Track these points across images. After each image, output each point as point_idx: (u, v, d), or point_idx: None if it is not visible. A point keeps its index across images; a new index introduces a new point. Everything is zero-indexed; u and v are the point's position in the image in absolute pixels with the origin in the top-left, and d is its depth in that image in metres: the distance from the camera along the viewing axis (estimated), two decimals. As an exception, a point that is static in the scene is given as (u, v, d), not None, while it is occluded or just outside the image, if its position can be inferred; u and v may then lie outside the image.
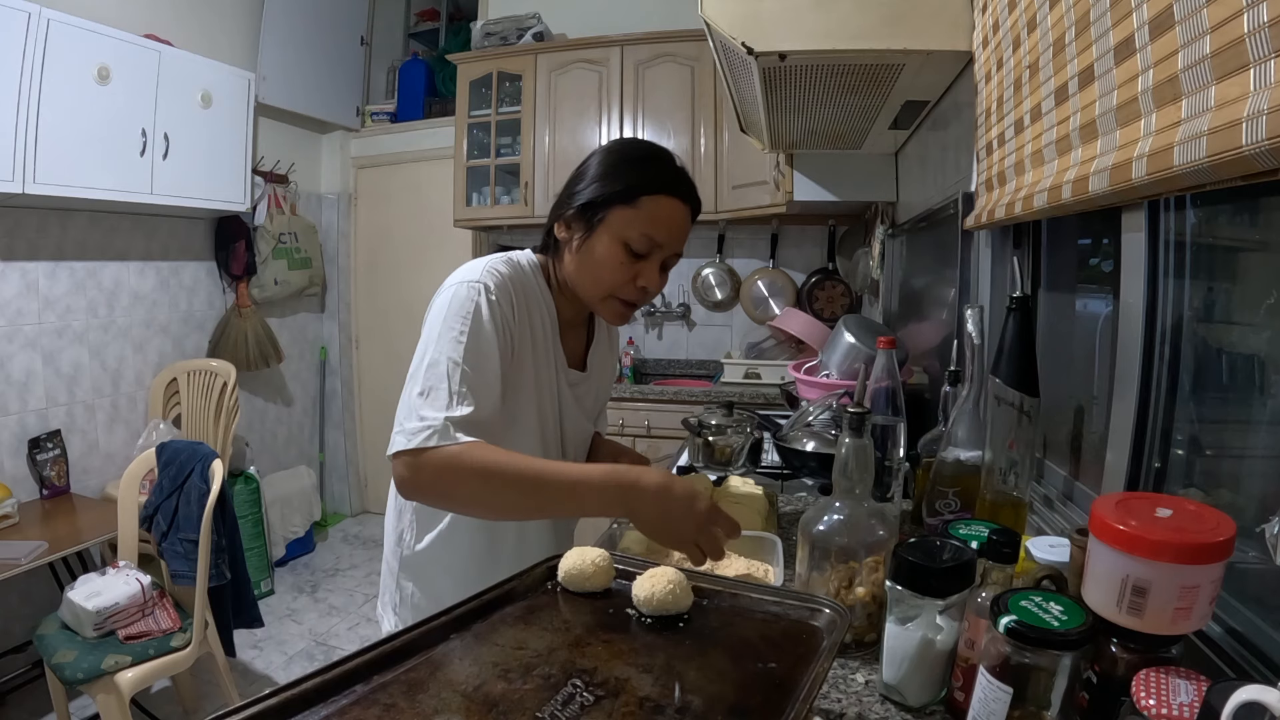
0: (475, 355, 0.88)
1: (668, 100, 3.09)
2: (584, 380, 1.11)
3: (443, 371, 0.86)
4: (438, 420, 0.83)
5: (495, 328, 0.91)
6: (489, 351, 0.90)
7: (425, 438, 0.82)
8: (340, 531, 3.98)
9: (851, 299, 3.23)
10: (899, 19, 1.28)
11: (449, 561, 1.03)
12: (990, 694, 0.59)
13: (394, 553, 1.07)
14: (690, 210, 0.99)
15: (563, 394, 1.06)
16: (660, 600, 0.69)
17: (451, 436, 0.82)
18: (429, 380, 0.86)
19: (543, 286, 1.03)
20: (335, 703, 0.53)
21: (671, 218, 0.96)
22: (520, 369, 0.97)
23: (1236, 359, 0.82)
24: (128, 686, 1.80)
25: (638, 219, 0.94)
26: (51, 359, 2.67)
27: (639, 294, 0.99)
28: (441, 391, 0.85)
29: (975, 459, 0.94)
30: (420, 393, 0.86)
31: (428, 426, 0.83)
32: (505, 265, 0.97)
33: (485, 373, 0.89)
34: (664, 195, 0.95)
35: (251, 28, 3.38)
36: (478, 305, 0.90)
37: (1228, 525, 0.55)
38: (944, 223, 1.61)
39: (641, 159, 0.99)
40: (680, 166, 0.99)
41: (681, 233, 0.98)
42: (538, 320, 1.00)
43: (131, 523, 2.11)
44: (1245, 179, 0.54)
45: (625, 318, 1.02)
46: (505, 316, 0.93)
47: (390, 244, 3.93)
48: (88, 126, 2.45)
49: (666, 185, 0.96)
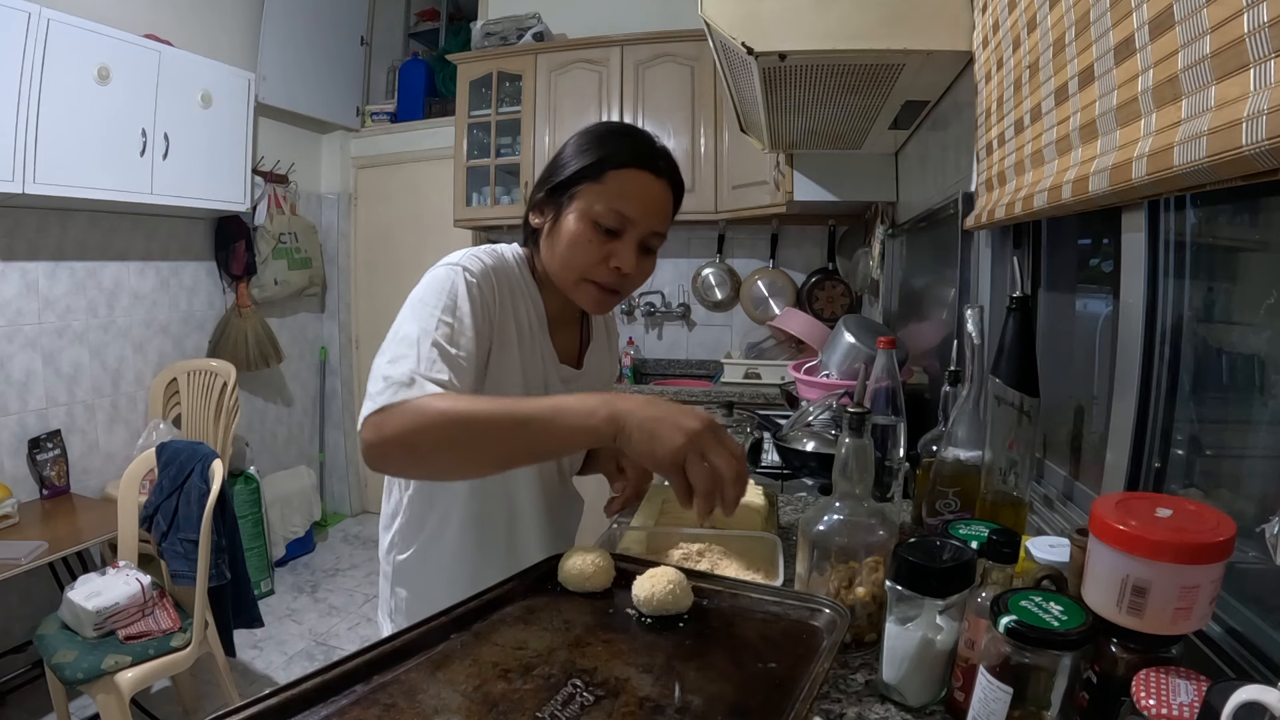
0: (450, 333, 0.83)
1: (668, 100, 3.09)
2: (578, 378, 1.06)
3: (413, 340, 0.81)
4: (404, 375, 0.77)
5: (473, 309, 0.86)
6: (465, 330, 0.85)
7: (392, 394, 0.75)
8: (340, 531, 3.98)
9: (851, 299, 3.23)
10: (899, 19, 1.28)
11: (439, 565, 1.01)
12: (990, 694, 0.59)
13: (386, 558, 1.06)
14: (668, 187, 0.93)
15: (554, 389, 1.01)
16: (660, 600, 0.69)
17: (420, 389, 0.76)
18: (398, 350, 0.81)
19: (528, 279, 0.98)
20: (335, 703, 0.53)
21: (644, 193, 0.90)
22: (506, 362, 0.94)
23: (1236, 359, 0.82)
24: (128, 686, 1.80)
25: (605, 193, 0.89)
26: (51, 359, 2.67)
27: (613, 276, 0.92)
28: (410, 358, 0.79)
29: (975, 459, 0.94)
30: (389, 360, 0.80)
31: (394, 383, 0.76)
32: (488, 255, 0.94)
33: (460, 348, 0.83)
34: (634, 169, 0.90)
35: (251, 28, 3.38)
36: (454, 284, 0.87)
37: (1228, 525, 0.55)
38: (944, 223, 1.61)
39: (611, 134, 0.94)
40: (660, 146, 0.94)
41: (656, 209, 0.92)
42: (523, 312, 0.96)
43: (131, 523, 2.11)
44: (1245, 179, 0.54)
45: (604, 305, 0.95)
46: (486, 301, 0.89)
47: (390, 244, 3.93)
48: (88, 126, 2.45)
49: (636, 159, 0.90)
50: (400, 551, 1.03)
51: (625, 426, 0.71)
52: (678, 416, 0.70)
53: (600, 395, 0.74)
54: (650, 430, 0.70)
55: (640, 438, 0.70)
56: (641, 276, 0.94)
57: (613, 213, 0.89)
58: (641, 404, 0.72)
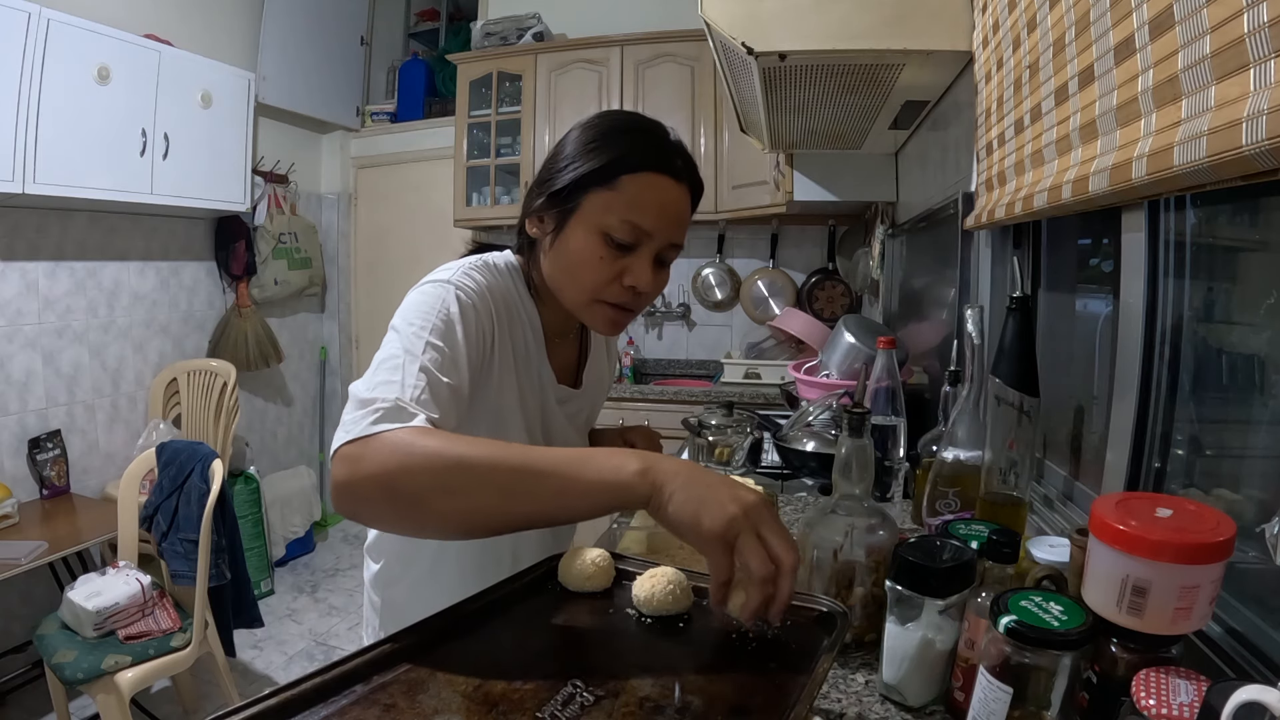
0: (439, 358, 0.73)
1: (668, 100, 3.09)
2: (575, 398, 0.96)
3: (398, 364, 0.71)
4: (385, 403, 0.66)
5: (467, 334, 0.76)
6: (458, 357, 0.74)
7: (370, 423, 0.64)
8: (340, 531, 3.98)
9: (851, 299, 3.23)
10: (899, 19, 1.28)
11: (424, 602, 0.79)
12: (990, 694, 0.59)
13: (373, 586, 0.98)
14: (688, 192, 0.82)
15: (549, 414, 0.92)
16: (660, 601, 0.68)
17: (404, 418, 0.65)
18: (379, 376, 0.70)
19: (524, 293, 0.88)
20: (335, 703, 0.53)
21: (662, 200, 0.79)
22: (501, 392, 0.84)
23: (1236, 359, 0.82)
24: (128, 686, 1.80)
25: (617, 202, 0.77)
26: (51, 359, 2.67)
27: (628, 295, 0.81)
28: (393, 384, 0.69)
29: (975, 459, 0.94)
30: (368, 386, 0.70)
31: (374, 410, 0.65)
32: (482, 270, 0.83)
33: (451, 377, 0.73)
34: (651, 172, 0.78)
35: (251, 28, 3.38)
36: (445, 304, 0.76)
37: (1228, 525, 0.55)
38: (944, 223, 1.61)
39: (623, 130, 0.81)
40: (676, 140, 0.82)
41: (676, 218, 0.81)
42: (519, 333, 0.86)
43: (131, 523, 2.11)
44: (1245, 179, 0.54)
45: (618, 326, 0.85)
46: (481, 325, 0.79)
47: (390, 244, 3.93)
48: (88, 126, 2.45)
49: (654, 161, 0.78)
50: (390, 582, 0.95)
51: (664, 487, 0.60)
52: (731, 486, 0.60)
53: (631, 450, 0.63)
54: (699, 495, 0.58)
55: (684, 500, 0.58)
56: (656, 292, 0.84)
57: (627, 225, 0.78)
58: (685, 466, 0.61)
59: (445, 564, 0.91)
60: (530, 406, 0.88)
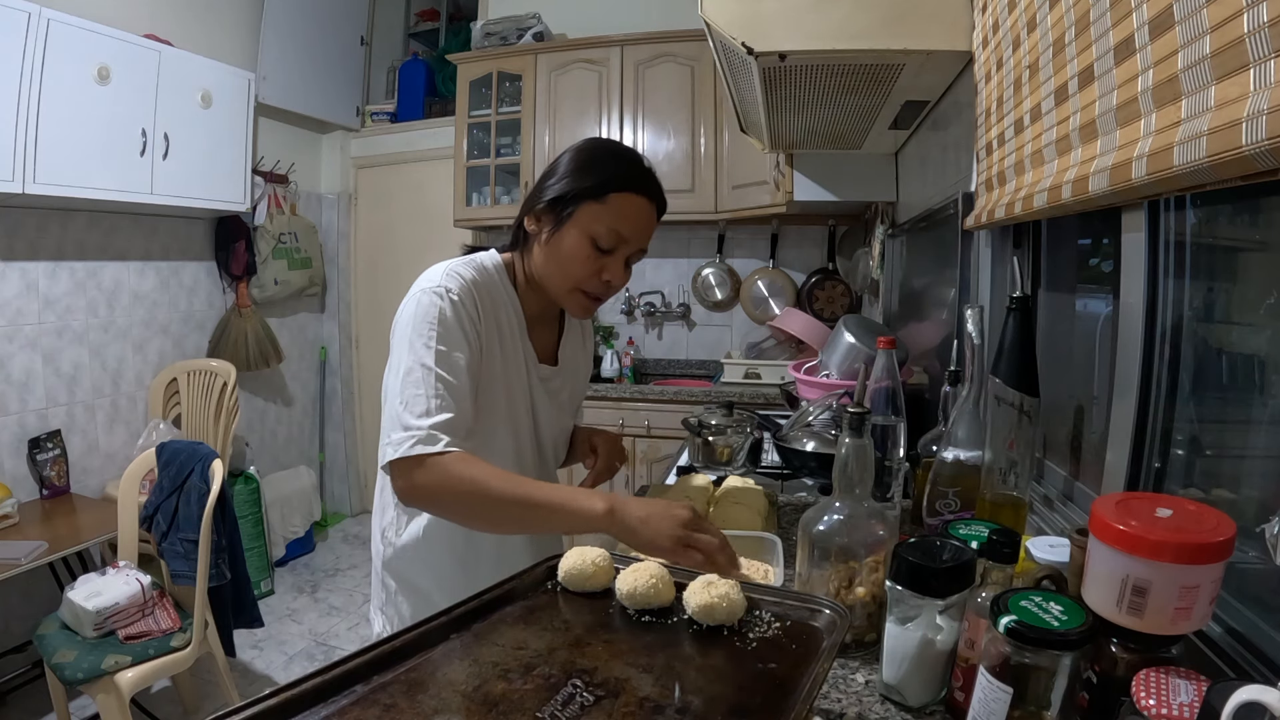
0: (447, 360, 0.92)
1: (668, 100, 3.09)
2: (556, 375, 1.13)
3: (418, 378, 0.90)
4: (421, 429, 0.87)
5: (462, 330, 0.95)
6: (459, 354, 0.94)
7: (410, 445, 0.86)
8: (340, 531, 3.98)
9: (851, 299, 3.23)
10: (899, 19, 1.28)
11: (428, 557, 1.07)
12: (990, 694, 0.59)
13: (378, 552, 1.12)
14: (656, 209, 1.03)
15: (534, 389, 1.09)
16: (642, 594, 0.69)
17: (436, 442, 0.87)
18: (407, 390, 0.90)
19: (507, 285, 1.06)
20: (335, 703, 0.53)
21: (638, 215, 1.00)
22: (489, 368, 1.01)
23: (1236, 359, 0.82)
24: (128, 686, 1.80)
25: (606, 214, 0.97)
26: (51, 359, 2.67)
27: (603, 288, 1.02)
28: (420, 399, 0.89)
29: (975, 459, 0.94)
30: (401, 403, 0.90)
31: (411, 435, 0.87)
32: (466, 268, 1.00)
33: (458, 375, 0.93)
34: (632, 193, 0.98)
35: (251, 28, 3.38)
36: (441, 309, 0.94)
37: (1228, 525, 0.55)
38: (944, 223, 1.61)
39: (612, 156, 1.02)
40: (648, 167, 1.03)
41: (647, 230, 1.02)
42: (504, 318, 1.03)
43: (131, 523, 2.11)
44: (1245, 179, 0.54)
45: (589, 311, 1.06)
46: (470, 317, 0.96)
47: (390, 244, 3.93)
48: (88, 126, 2.45)
49: (635, 183, 0.99)
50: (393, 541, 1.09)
51: (625, 520, 0.82)
52: (669, 508, 0.83)
53: (603, 493, 0.86)
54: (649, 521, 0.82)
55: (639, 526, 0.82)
56: (622, 285, 1.04)
57: (612, 233, 0.98)
58: (637, 503, 0.84)
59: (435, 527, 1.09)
60: (515, 382, 1.06)
